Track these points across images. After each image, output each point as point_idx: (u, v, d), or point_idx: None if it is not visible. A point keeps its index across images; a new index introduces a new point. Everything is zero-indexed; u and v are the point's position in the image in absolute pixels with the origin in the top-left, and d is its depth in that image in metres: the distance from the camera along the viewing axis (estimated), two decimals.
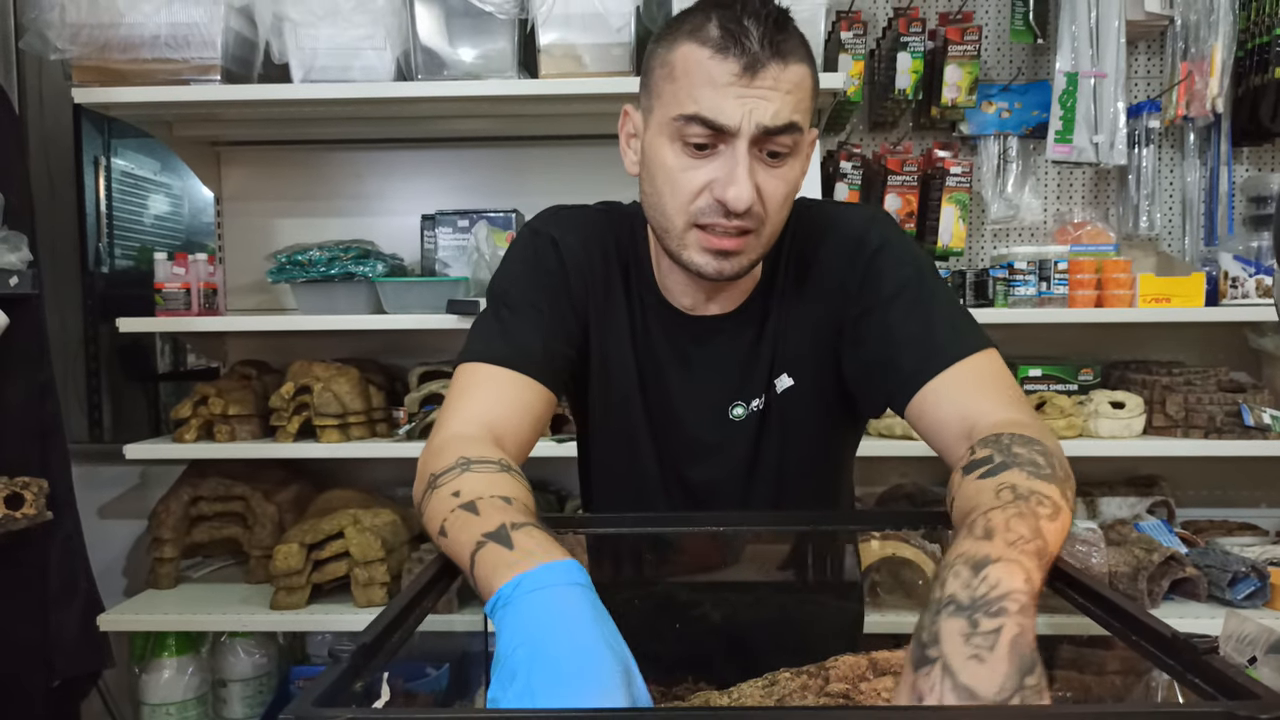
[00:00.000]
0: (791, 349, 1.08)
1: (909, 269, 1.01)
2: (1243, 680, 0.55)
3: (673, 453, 1.12)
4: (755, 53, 0.88)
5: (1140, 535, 2.02)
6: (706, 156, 0.93)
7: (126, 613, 2.03)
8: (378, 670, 0.64)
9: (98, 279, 2.63)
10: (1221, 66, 2.12)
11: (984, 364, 0.95)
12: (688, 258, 0.97)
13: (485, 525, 0.76)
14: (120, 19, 1.92)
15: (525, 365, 1.00)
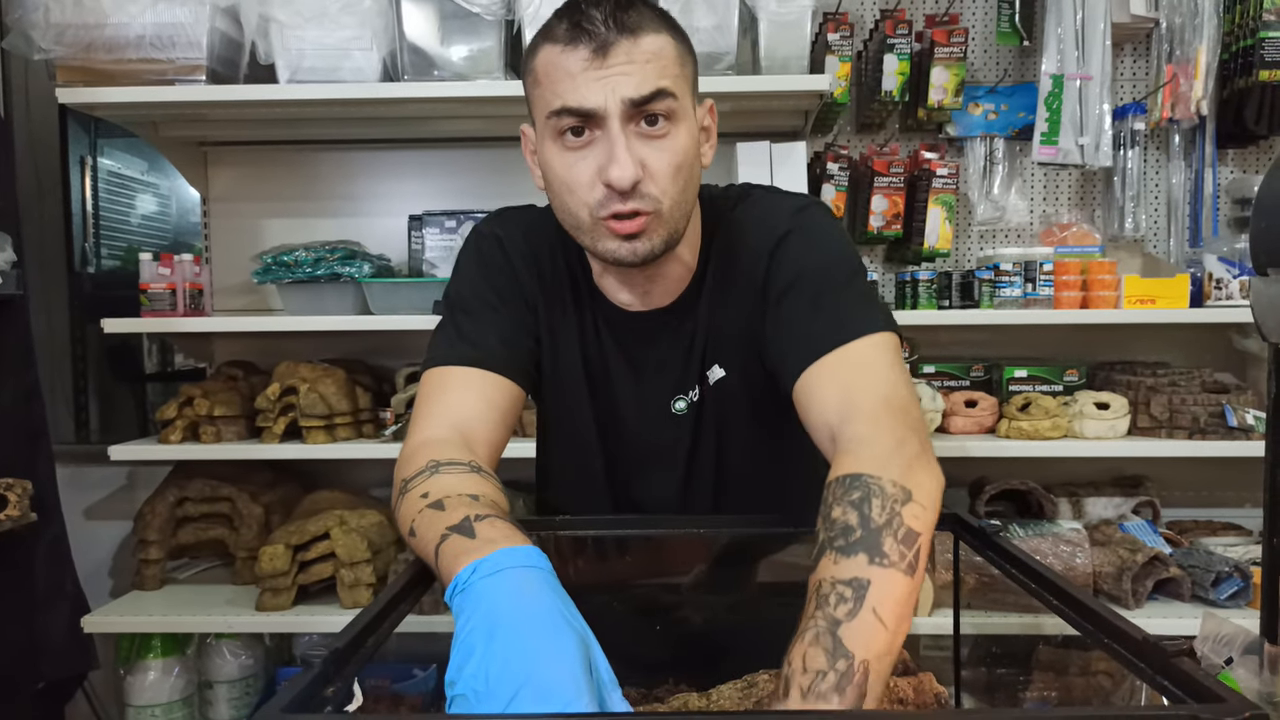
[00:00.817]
0: (721, 339, 1.07)
1: (810, 259, 1.00)
2: (1211, 684, 0.55)
3: (619, 447, 1.12)
4: (602, 35, 0.89)
5: (1125, 535, 2.03)
6: (585, 145, 0.92)
7: (112, 614, 2.02)
8: (351, 675, 0.64)
9: (84, 279, 2.62)
10: (1206, 69, 2.13)
11: (857, 354, 0.91)
12: (603, 248, 0.96)
13: (450, 520, 0.78)
14: (105, 19, 1.91)
15: (488, 362, 1.00)
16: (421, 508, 0.82)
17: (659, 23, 0.94)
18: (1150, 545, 1.99)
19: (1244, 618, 1.05)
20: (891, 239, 2.23)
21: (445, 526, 0.77)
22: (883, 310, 0.96)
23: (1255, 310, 0.87)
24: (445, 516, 0.79)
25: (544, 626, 0.65)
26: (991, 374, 2.22)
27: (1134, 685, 1.53)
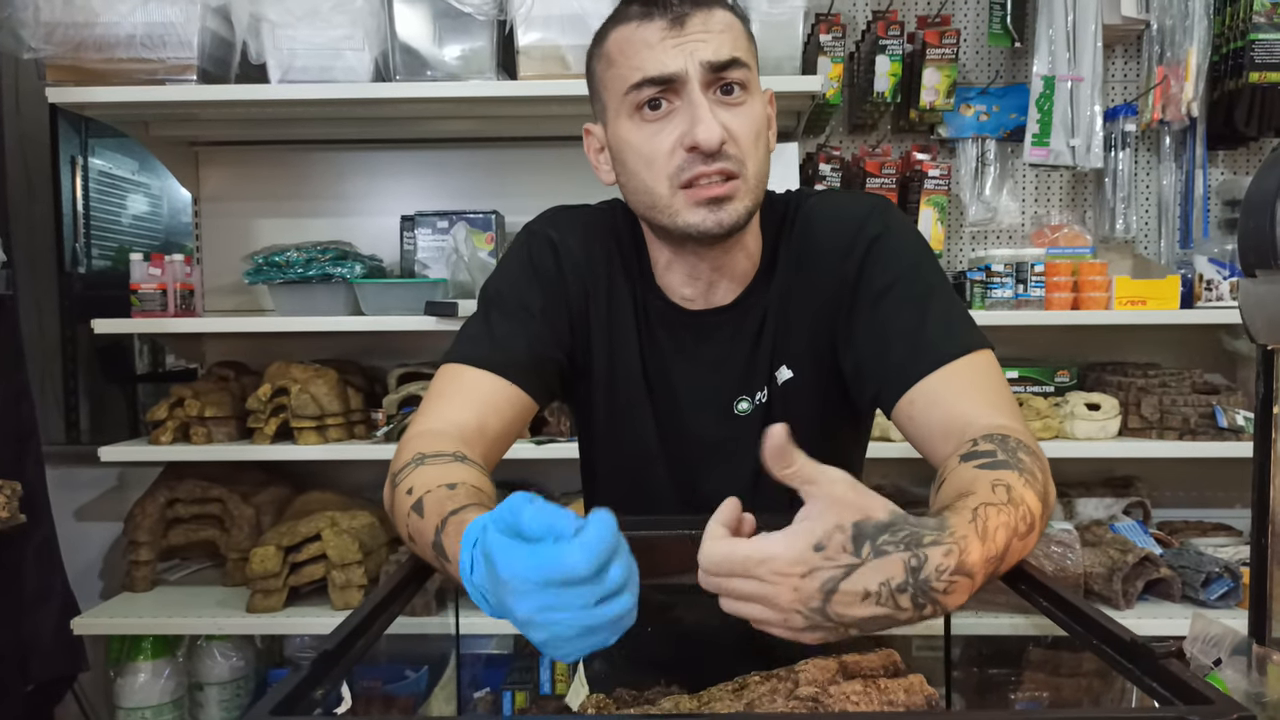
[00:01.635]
0: (791, 340, 1.05)
1: (906, 260, 0.99)
2: (1199, 685, 0.55)
3: (679, 448, 1.11)
4: (676, 7, 0.91)
5: (1115, 536, 2.04)
6: (665, 116, 0.93)
7: (102, 616, 2.02)
8: (340, 677, 0.64)
9: (75, 279, 2.61)
10: (1196, 71, 2.14)
11: (979, 365, 0.92)
12: (683, 222, 0.95)
13: (429, 533, 0.79)
14: (95, 18, 1.91)
15: (507, 369, 1.00)
16: (408, 510, 0.83)
17: (725, 2, 0.97)
18: (1141, 546, 2.00)
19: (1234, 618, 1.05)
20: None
21: (430, 545, 0.79)
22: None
23: (1243, 311, 0.88)
24: (425, 527, 0.80)
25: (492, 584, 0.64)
26: None
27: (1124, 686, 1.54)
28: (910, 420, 0.94)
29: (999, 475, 0.75)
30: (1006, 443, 0.80)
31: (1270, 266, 0.82)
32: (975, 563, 0.64)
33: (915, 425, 0.93)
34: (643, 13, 0.92)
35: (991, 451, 0.79)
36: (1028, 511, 0.73)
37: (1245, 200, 0.84)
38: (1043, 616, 0.74)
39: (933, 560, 0.63)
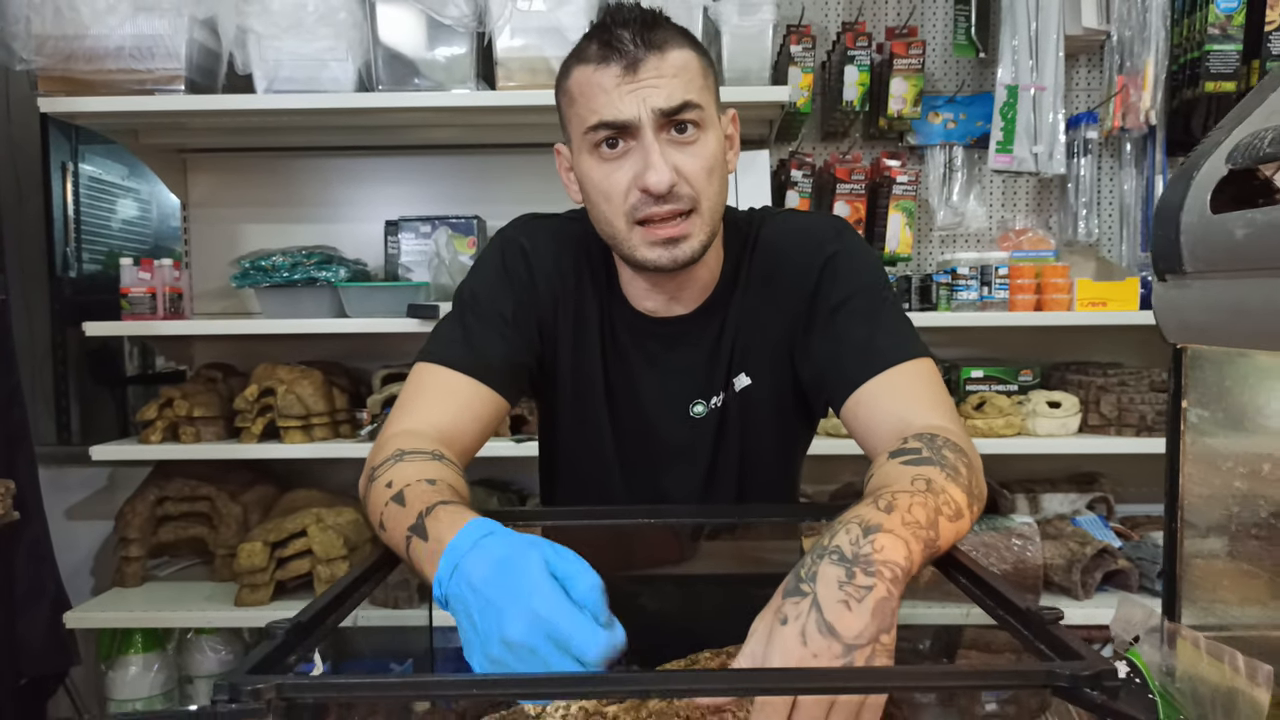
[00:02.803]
0: (751, 349, 1.13)
1: (861, 278, 1.07)
2: (1076, 645, 0.62)
3: (636, 449, 1.17)
4: (631, 52, 0.96)
5: (1076, 529, 2.11)
6: (621, 156, 0.99)
7: (93, 610, 2.08)
8: (312, 645, 0.70)
9: (65, 284, 2.66)
10: (1154, 80, 2.21)
11: (918, 371, 1.01)
12: (640, 256, 1.02)
13: (409, 518, 0.83)
14: (85, 30, 1.96)
15: (481, 371, 1.06)
16: (386, 500, 0.88)
17: (682, 39, 1.01)
18: (1100, 539, 2.07)
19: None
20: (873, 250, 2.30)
21: (406, 528, 0.83)
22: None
23: (1157, 313, 0.94)
24: (405, 514, 0.85)
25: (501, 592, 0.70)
26: (950, 374, 2.29)
27: None
28: (856, 419, 1.02)
29: (920, 470, 0.83)
30: (934, 441, 0.88)
31: (1178, 272, 0.88)
32: (880, 521, 0.71)
33: (859, 424, 1.02)
34: (600, 55, 0.98)
35: (917, 449, 0.86)
36: (950, 500, 0.80)
37: (1156, 211, 0.91)
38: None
39: (845, 540, 0.70)
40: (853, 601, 0.66)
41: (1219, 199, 0.83)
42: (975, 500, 0.86)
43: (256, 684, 0.58)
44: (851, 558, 0.68)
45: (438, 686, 0.62)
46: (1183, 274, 0.88)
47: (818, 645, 0.65)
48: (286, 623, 0.68)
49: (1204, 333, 0.89)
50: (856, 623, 0.65)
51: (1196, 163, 0.88)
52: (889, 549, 0.70)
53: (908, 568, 0.70)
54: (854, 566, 0.68)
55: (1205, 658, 0.87)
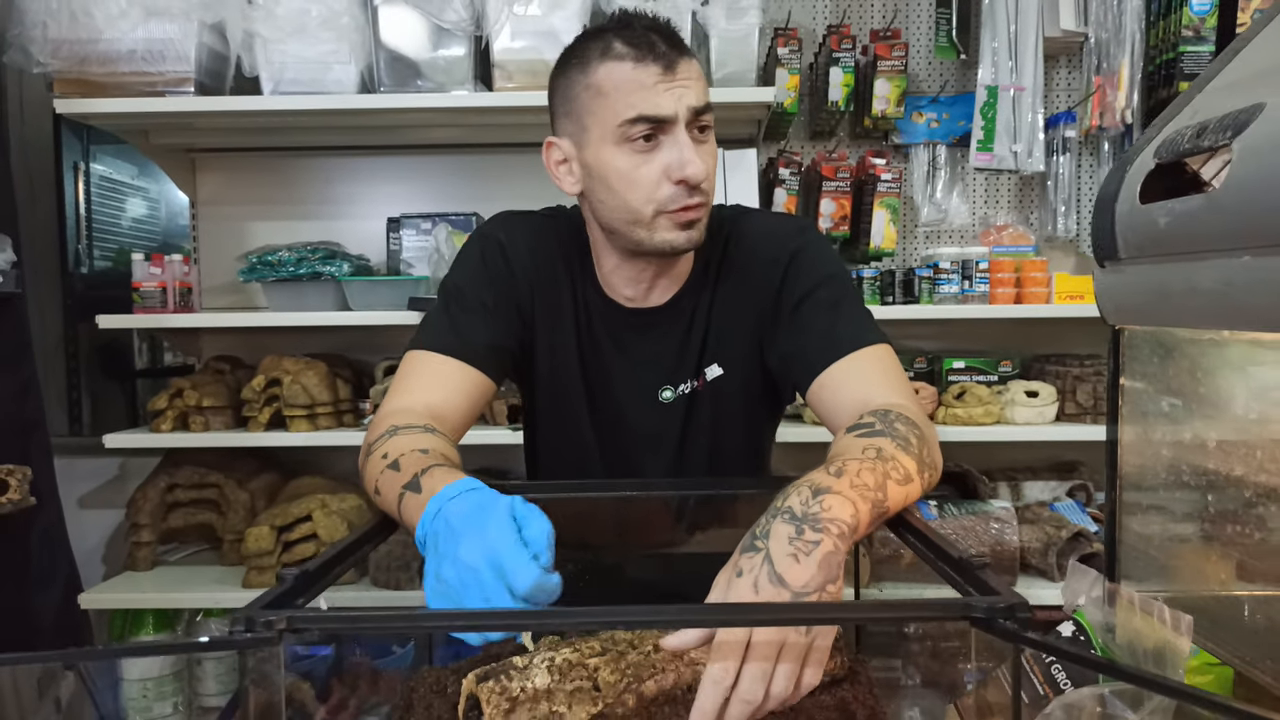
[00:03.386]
0: (722, 340, 1.21)
1: (824, 271, 1.16)
2: (998, 585, 0.69)
3: (610, 434, 1.26)
4: (667, 53, 1.05)
5: (1053, 514, 2.18)
6: (653, 149, 1.07)
7: (106, 592, 2.15)
8: (317, 592, 0.78)
9: (77, 280, 2.75)
10: (1130, 81, 2.29)
11: (878, 355, 1.10)
12: (660, 239, 1.10)
13: (403, 479, 0.91)
14: (99, 35, 2.04)
15: (468, 354, 1.14)
16: (382, 469, 0.96)
17: (690, 50, 1.12)
18: (1076, 523, 2.14)
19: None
20: (840, 239, 2.38)
21: (400, 486, 0.91)
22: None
23: (1097, 297, 1.02)
24: (400, 476, 0.92)
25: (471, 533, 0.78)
26: (932, 366, 2.37)
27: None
28: (820, 401, 1.11)
29: (872, 441, 0.91)
30: (887, 416, 0.96)
31: (1114, 258, 0.96)
32: (829, 484, 0.79)
33: (824, 406, 1.10)
34: (638, 56, 1.05)
35: (871, 424, 0.95)
36: (899, 466, 0.88)
37: (1096, 203, 0.98)
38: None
39: (796, 501, 0.78)
40: (801, 555, 0.74)
41: (1148, 190, 0.90)
42: (927, 468, 0.94)
43: (269, 616, 0.66)
44: (801, 516, 0.76)
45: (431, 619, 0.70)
46: (1118, 260, 0.96)
47: (768, 594, 0.73)
48: (296, 569, 0.76)
49: (1137, 314, 0.96)
50: (804, 574, 0.73)
51: (1131, 157, 0.95)
52: (836, 508, 0.78)
53: (854, 525, 0.78)
54: (803, 524, 0.76)
55: (1138, 613, 0.95)
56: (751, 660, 0.72)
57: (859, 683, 1.01)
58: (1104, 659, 0.69)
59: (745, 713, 0.72)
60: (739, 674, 0.71)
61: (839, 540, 0.75)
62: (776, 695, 0.72)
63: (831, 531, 0.75)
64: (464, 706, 0.92)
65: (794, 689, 0.73)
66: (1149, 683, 0.58)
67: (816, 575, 0.72)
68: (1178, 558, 1.08)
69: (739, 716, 0.72)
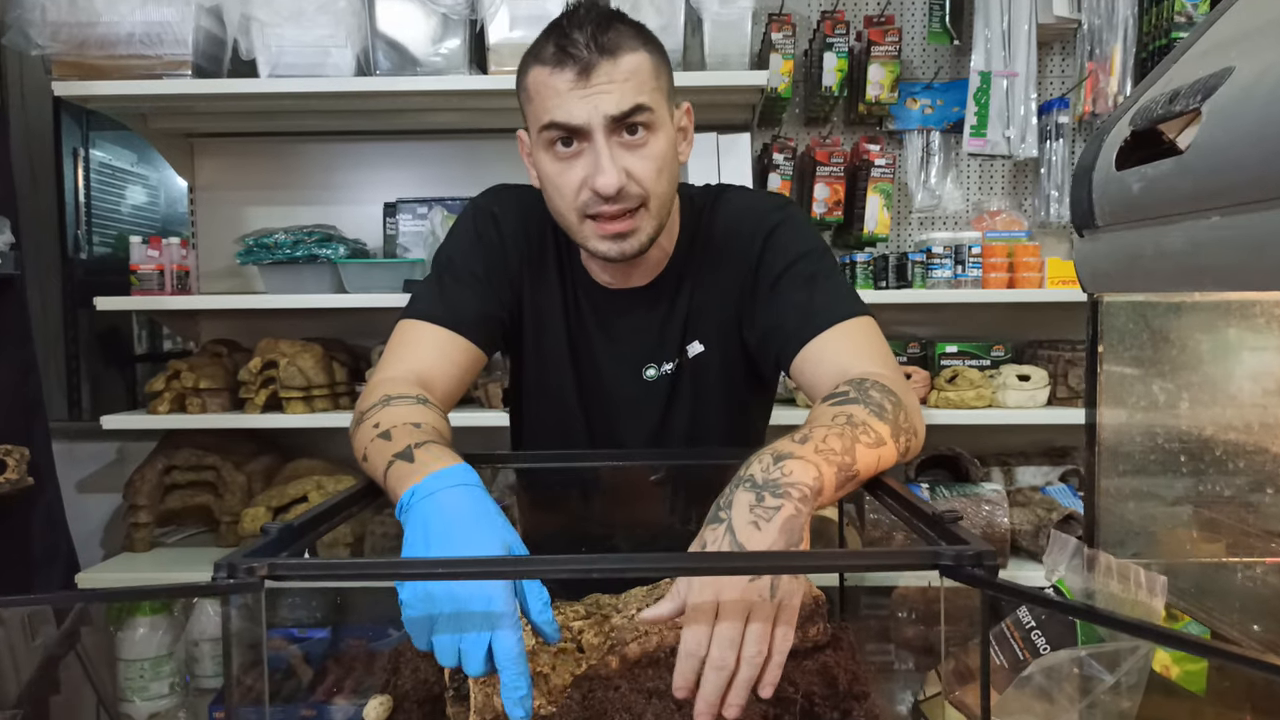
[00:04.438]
0: (702, 317, 1.22)
1: (801, 246, 1.16)
2: (966, 537, 0.71)
3: (595, 409, 1.26)
4: (584, 59, 1.02)
5: (1044, 497, 2.19)
6: (575, 155, 1.06)
7: (104, 572, 2.17)
8: (301, 548, 0.79)
9: (76, 266, 2.76)
10: (1122, 67, 2.30)
11: (859, 327, 1.10)
12: (592, 246, 1.11)
13: (395, 448, 0.92)
14: (98, 17, 2.06)
15: (458, 324, 1.15)
16: (373, 437, 0.97)
17: (635, 40, 1.06)
18: (1067, 506, 2.15)
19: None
20: (833, 224, 2.39)
21: (391, 454, 0.91)
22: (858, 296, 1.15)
23: (1076, 266, 1.03)
24: (391, 445, 0.93)
25: (466, 531, 0.79)
26: (925, 350, 2.38)
27: None
28: (803, 374, 1.11)
29: (844, 408, 0.92)
30: (862, 385, 0.96)
31: (1091, 226, 0.97)
32: (792, 450, 0.80)
33: (806, 378, 1.11)
34: (556, 59, 1.02)
35: (845, 392, 0.95)
36: (870, 430, 0.89)
37: (1074, 172, 1.00)
38: None
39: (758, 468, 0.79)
40: (761, 522, 0.75)
41: (1124, 158, 0.91)
42: (904, 433, 0.95)
43: (251, 563, 0.67)
44: (762, 483, 0.78)
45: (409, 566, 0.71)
46: (1095, 229, 0.97)
47: (743, 530, 0.74)
48: (279, 524, 0.78)
49: (1112, 280, 0.98)
50: (764, 540, 0.74)
51: (1108, 127, 0.97)
52: (798, 472, 0.79)
53: (816, 487, 0.79)
54: (763, 491, 0.77)
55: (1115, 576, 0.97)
56: (719, 627, 0.73)
57: (841, 648, 1.02)
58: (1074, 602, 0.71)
59: (721, 680, 0.73)
60: (709, 643, 0.73)
61: (800, 504, 0.77)
62: (748, 658, 0.73)
63: (792, 495, 0.77)
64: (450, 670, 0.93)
65: (767, 652, 0.74)
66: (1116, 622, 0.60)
67: (778, 540, 0.74)
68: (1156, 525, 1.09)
69: (715, 684, 0.73)
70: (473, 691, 0.86)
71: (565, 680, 0.92)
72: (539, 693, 0.89)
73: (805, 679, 0.97)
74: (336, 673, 2.22)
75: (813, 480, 0.78)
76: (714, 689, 0.73)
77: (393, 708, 0.95)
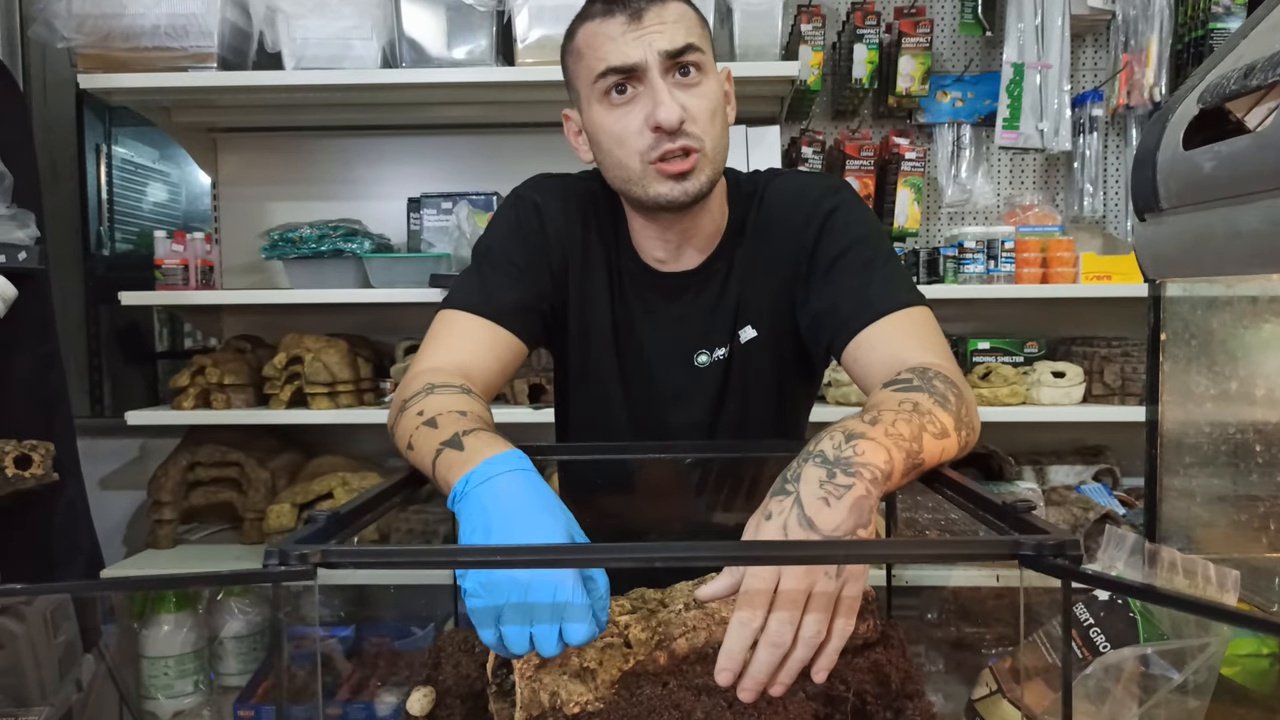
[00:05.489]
0: (754, 302, 1.19)
1: (858, 230, 1.13)
2: (1043, 525, 0.68)
3: (642, 399, 1.23)
4: (634, 3, 1.03)
5: (1079, 496, 2.16)
6: (630, 101, 1.05)
7: (127, 569, 2.16)
8: (349, 536, 0.77)
9: (98, 262, 2.76)
10: (1158, 58, 2.26)
11: (915, 317, 1.06)
12: (654, 193, 1.08)
13: (442, 435, 0.89)
14: (123, 9, 2.05)
15: (498, 315, 1.13)
16: (418, 425, 0.94)
17: None
18: (1103, 505, 2.12)
19: None
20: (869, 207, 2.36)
21: (438, 442, 0.89)
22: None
23: (1137, 251, 1.00)
24: (438, 433, 0.90)
25: (529, 517, 0.77)
26: (957, 347, 2.35)
27: None
28: (856, 362, 1.07)
29: (908, 395, 0.89)
30: (925, 373, 0.93)
31: (1155, 210, 0.94)
32: (864, 431, 0.77)
33: (859, 367, 1.07)
34: (604, 10, 1.05)
35: (909, 379, 0.92)
36: (935, 420, 0.86)
37: (1136, 155, 0.96)
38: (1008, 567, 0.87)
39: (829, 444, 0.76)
40: (831, 499, 0.72)
41: (1191, 137, 0.88)
42: (964, 428, 0.92)
43: (302, 549, 0.65)
44: (833, 460, 0.75)
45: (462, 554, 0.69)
46: (1159, 211, 0.94)
47: (797, 536, 0.71)
48: (327, 511, 0.75)
49: (1178, 265, 0.94)
50: (834, 517, 0.71)
51: (1172, 107, 0.93)
52: (869, 453, 0.76)
53: (887, 470, 0.77)
54: (835, 468, 0.74)
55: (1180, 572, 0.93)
56: (779, 603, 0.70)
57: (892, 646, 0.99)
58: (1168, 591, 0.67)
59: (774, 657, 0.70)
60: (767, 618, 0.70)
61: (871, 485, 0.74)
62: (806, 639, 0.70)
63: (864, 476, 0.74)
64: (493, 664, 0.91)
65: (826, 635, 0.71)
66: (1212, 610, 0.56)
67: (847, 519, 0.71)
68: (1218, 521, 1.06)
69: (768, 661, 0.70)
70: (519, 686, 0.84)
71: (613, 675, 0.89)
72: (586, 688, 0.86)
73: (856, 677, 0.94)
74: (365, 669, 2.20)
75: (884, 463, 0.75)
76: (766, 665, 0.70)
77: (435, 700, 0.93)
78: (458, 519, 0.81)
